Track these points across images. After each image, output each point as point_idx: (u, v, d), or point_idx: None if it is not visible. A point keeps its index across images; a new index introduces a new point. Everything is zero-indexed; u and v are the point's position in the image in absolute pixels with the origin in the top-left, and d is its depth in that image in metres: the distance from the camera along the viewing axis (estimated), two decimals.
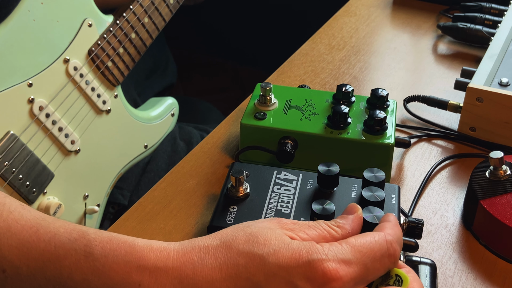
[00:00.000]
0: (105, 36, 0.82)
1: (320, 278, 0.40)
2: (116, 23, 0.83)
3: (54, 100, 0.76)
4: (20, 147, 0.72)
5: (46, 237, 0.43)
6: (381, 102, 0.67)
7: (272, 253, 0.41)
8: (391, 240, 0.43)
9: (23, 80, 0.72)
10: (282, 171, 0.59)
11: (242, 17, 1.73)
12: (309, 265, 0.40)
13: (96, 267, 0.41)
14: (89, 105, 0.81)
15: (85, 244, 0.42)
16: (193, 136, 0.99)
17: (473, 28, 0.90)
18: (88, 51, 0.80)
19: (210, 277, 0.41)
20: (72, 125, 0.79)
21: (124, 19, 0.84)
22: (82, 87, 0.79)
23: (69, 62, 0.77)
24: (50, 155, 0.76)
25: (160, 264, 0.41)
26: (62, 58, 0.77)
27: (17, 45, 0.72)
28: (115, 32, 0.83)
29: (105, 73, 0.82)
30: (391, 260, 0.43)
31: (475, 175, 0.61)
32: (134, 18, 0.85)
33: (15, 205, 0.46)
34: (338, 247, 0.42)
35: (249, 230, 0.43)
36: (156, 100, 0.97)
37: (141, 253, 0.42)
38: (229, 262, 0.41)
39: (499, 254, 0.58)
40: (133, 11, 0.85)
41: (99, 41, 0.81)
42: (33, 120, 0.74)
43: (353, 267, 0.41)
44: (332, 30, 0.96)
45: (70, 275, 0.42)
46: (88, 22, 0.80)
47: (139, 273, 0.41)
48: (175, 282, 0.41)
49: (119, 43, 0.84)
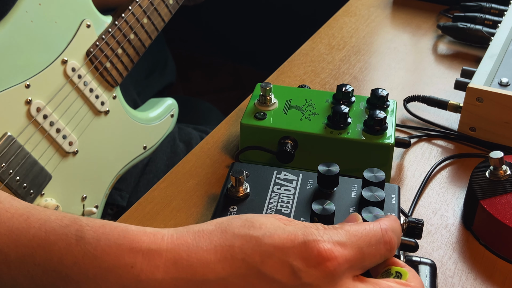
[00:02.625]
0: (103, 37, 0.82)
1: (315, 258, 0.40)
2: (115, 24, 0.83)
3: (52, 101, 0.76)
4: (17, 149, 0.72)
5: (37, 224, 0.42)
6: (381, 102, 0.67)
7: (268, 235, 0.41)
8: (386, 228, 0.44)
9: (20, 82, 0.72)
10: (282, 171, 0.59)
11: (242, 17, 1.73)
12: (304, 245, 0.40)
13: (87, 250, 0.40)
14: (87, 106, 0.81)
15: (76, 229, 0.42)
16: (193, 137, 0.98)
17: (473, 28, 0.90)
18: (86, 52, 0.80)
19: (205, 259, 0.40)
20: (70, 126, 0.78)
21: (122, 20, 0.83)
22: (80, 88, 0.79)
23: (67, 63, 0.77)
24: (48, 156, 0.76)
25: (154, 246, 0.41)
26: (60, 59, 0.77)
27: (14, 46, 0.71)
28: (113, 33, 0.83)
29: (103, 74, 0.82)
30: (387, 247, 0.43)
31: (475, 175, 0.61)
32: (133, 18, 0.85)
33: (4, 196, 0.45)
34: (334, 231, 0.42)
35: (244, 216, 0.43)
36: (155, 101, 0.96)
37: (134, 237, 0.41)
38: (224, 244, 0.41)
39: (499, 254, 0.58)
40: (132, 11, 0.85)
41: (97, 42, 0.81)
42: (31, 121, 0.73)
43: (348, 249, 0.41)
44: (332, 30, 0.96)
45: (60, 260, 0.41)
46: (87, 23, 0.79)
47: (132, 255, 0.40)
48: (168, 263, 0.40)
49: (117, 44, 0.83)
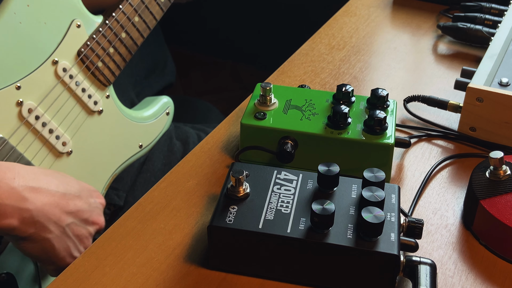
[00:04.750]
0: (94, 37, 0.81)
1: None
2: (106, 23, 0.83)
3: (43, 102, 0.76)
4: (9, 150, 0.72)
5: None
6: (381, 102, 0.67)
7: None
8: None
9: (11, 83, 0.72)
10: (282, 171, 0.59)
11: (242, 17, 1.73)
12: None
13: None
14: (80, 106, 0.81)
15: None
16: (190, 136, 0.98)
17: (473, 28, 0.90)
18: (77, 52, 0.80)
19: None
20: (63, 126, 0.78)
21: (113, 19, 0.83)
22: (72, 88, 0.79)
23: (58, 63, 0.77)
24: (41, 157, 0.76)
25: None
26: (51, 60, 0.76)
27: (3, 48, 0.71)
28: (104, 32, 0.82)
29: (95, 73, 0.82)
30: None
31: (475, 175, 0.61)
32: (124, 17, 0.85)
33: None
34: None
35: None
36: (150, 100, 0.96)
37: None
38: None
39: (499, 254, 0.58)
40: (123, 10, 0.84)
41: (88, 42, 0.81)
42: (22, 122, 0.73)
43: None
44: (332, 30, 0.96)
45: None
46: (77, 23, 0.79)
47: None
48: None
49: (109, 43, 0.83)
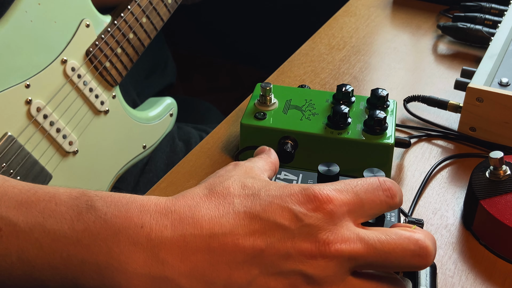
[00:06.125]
0: (103, 37, 0.82)
1: (313, 202, 0.42)
2: (114, 23, 0.83)
3: (52, 101, 0.76)
4: (17, 149, 0.72)
5: (46, 197, 0.44)
6: (381, 102, 0.67)
7: (264, 190, 0.44)
8: (384, 179, 0.46)
9: (20, 81, 0.72)
10: (282, 171, 0.59)
11: (242, 17, 1.73)
12: (301, 193, 0.43)
13: (98, 216, 0.42)
14: (87, 106, 0.81)
15: (86, 200, 0.43)
16: (192, 136, 0.98)
17: (473, 28, 0.90)
18: (86, 52, 0.80)
19: (209, 215, 0.43)
20: (70, 126, 0.79)
21: (122, 19, 0.83)
22: (80, 88, 0.79)
23: (67, 63, 0.77)
24: (48, 156, 0.76)
25: (159, 209, 0.43)
26: (60, 59, 0.77)
27: (14, 46, 0.71)
28: (113, 33, 0.83)
29: (103, 73, 0.82)
30: (386, 193, 0.45)
31: (475, 175, 0.61)
32: (132, 18, 0.85)
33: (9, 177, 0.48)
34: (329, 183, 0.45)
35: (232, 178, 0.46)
36: (154, 100, 0.96)
37: (141, 202, 0.44)
38: (224, 202, 0.44)
39: (499, 254, 0.58)
40: (131, 11, 0.85)
41: (96, 42, 0.81)
42: (31, 121, 0.73)
43: (344, 194, 0.44)
44: (332, 30, 0.96)
45: (71, 226, 0.42)
46: (86, 23, 0.79)
47: (141, 216, 0.43)
48: (175, 222, 0.43)
49: (117, 44, 0.83)
